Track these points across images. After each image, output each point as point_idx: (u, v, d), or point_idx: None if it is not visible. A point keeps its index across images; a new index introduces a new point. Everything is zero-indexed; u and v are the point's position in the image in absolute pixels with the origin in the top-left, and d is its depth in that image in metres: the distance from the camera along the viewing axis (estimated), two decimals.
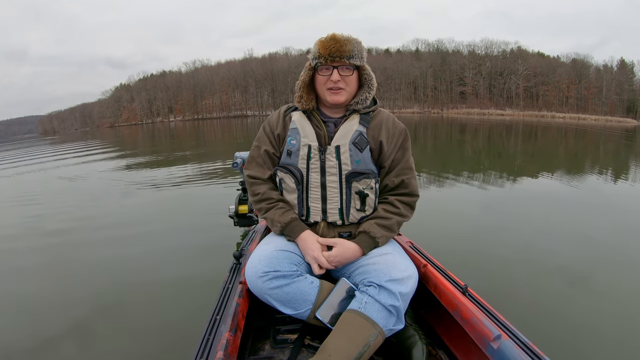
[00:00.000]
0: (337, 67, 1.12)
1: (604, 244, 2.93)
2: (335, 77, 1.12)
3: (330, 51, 1.10)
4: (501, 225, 3.47)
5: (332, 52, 1.10)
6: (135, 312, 2.07)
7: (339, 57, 1.10)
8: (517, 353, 0.85)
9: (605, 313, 1.94)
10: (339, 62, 1.11)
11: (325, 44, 1.11)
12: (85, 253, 2.98)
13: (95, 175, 6.89)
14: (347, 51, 1.10)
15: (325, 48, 1.10)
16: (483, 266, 2.49)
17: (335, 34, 1.12)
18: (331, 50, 1.10)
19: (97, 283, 2.40)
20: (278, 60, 68.77)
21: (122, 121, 69.68)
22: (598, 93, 52.26)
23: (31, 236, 3.52)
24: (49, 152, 14.41)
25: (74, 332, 1.88)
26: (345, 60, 1.11)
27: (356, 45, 1.12)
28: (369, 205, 1.19)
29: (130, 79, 76.84)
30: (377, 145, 1.18)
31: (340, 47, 1.10)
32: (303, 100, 1.19)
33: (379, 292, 1.02)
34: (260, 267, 1.08)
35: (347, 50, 1.10)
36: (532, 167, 7.29)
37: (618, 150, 11.29)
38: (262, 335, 1.19)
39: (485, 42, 60.64)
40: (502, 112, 50.89)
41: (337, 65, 1.12)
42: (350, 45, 1.11)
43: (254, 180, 1.26)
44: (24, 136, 62.67)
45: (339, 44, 1.10)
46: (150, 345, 1.76)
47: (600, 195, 4.85)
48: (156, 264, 2.68)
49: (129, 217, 4.05)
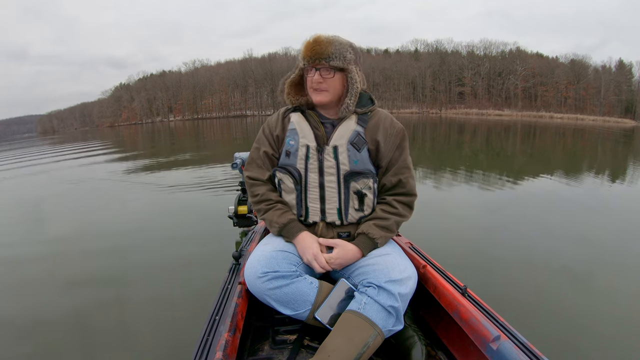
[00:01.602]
0: (319, 68, 1.13)
1: (603, 245, 2.93)
2: (316, 78, 1.13)
3: (312, 53, 1.11)
4: (500, 226, 3.48)
5: (313, 54, 1.11)
6: (134, 312, 2.06)
7: (319, 59, 1.11)
8: (516, 354, 0.85)
9: (604, 314, 1.94)
10: (320, 64, 1.12)
11: (308, 45, 1.12)
12: (86, 253, 2.98)
13: (97, 176, 6.88)
14: (327, 53, 1.11)
15: (307, 50, 1.12)
16: (482, 267, 2.50)
17: (320, 36, 1.13)
18: (312, 52, 1.11)
19: (96, 283, 2.40)
20: (277, 60, 68.69)
21: (121, 121, 69.58)
22: (596, 94, 52.37)
23: (30, 238, 3.52)
24: (50, 152, 14.33)
25: (74, 332, 1.88)
26: (324, 62, 1.11)
27: (339, 47, 1.12)
28: (368, 205, 1.19)
29: (130, 79, 77.02)
30: (375, 145, 1.18)
31: (320, 50, 1.10)
32: (290, 96, 1.21)
33: (378, 292, 1.02)
34: (260, 267, 1.08)
35: (328, 52, 1.11)
36: (531, 168, 7.31)
37: (616, 150, 11.32)
38: (261, 336, 1.18)
39: (484, 43, 60.83)
40: (500, 112, 50.95)
41: (319, 67, 1.13)
42: (332, 47, 1.11)
43: (254, 181, 1.27)
44: (23, 135, 62.45)
45: (319, 46, 1.11)
46: (149, 345, 1.76)
47: (599, 195, 4.86)
48: (155, 264, 2.68)
49: (128, 217, 4.05)
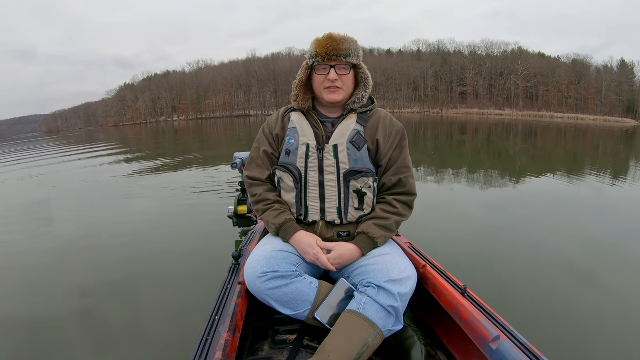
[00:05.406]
0: (334, 66, 1.12)
1: (603, 245, 2.92)
2: (333, 76, 1.12)
3: (328, 50, 1.10)
4: (500, 226, 3.47)
5: (329, 50, 1.10)
6: (133, 312, 2.06)
7: (336, 55, 1.10)
8: (516, 354, 0.84)
9: (604, 313, 1.94)
10: (336, 61, 1.11)
11: (322, 42, 1.10)
12: (85, 252, 2.98)
13: (102, 177, 6.89)
14: (344, 50, 1.10)
15: (322, 47, 1.10)
16: (482, 267, 2.49)
17: (332, 33, 1.12)
18: (328, 49, 1.10)
19: (96, 283, 2.40)
20: (281, 60, 68.77)
21: (126, 120, 69.86)
22: (597, 93, 52.19)
23: (36, 238, 3.53)
24: (59, 152, 14.31)
25: (73, 331, 1.88)
26: (342, 58, 1.11)
27: (352, 44, 1.12)
28: (367, 204, 1.19)
29: (135, 79, 77.35)
30: (375, 144, 1.18)
31: (337, 46, 1.09)
32: (299, 100, 1.20)
33: (378, 292, 1.02)
34: (259, 267, 1.08)
35: (344, 48, 1.10)
36: (532, 167, 7.29)
37: (618, 150, 11.27)
38: (261, 336, 1.18)
39: (486, 43, 60.70)
40: (501, 112, 50.90)
41: (334, 64, 1.12)
42: (347, 44, 1.11)
43: (253, 181, 1.27)
44: (27, 135, 62.52)
45: (335, 42, 1.10)
46: (148, 345, 1.76)
47: (599, 195, 4.84)
48: (155, 264, 2.68)
49: (128, 217, 4.05)
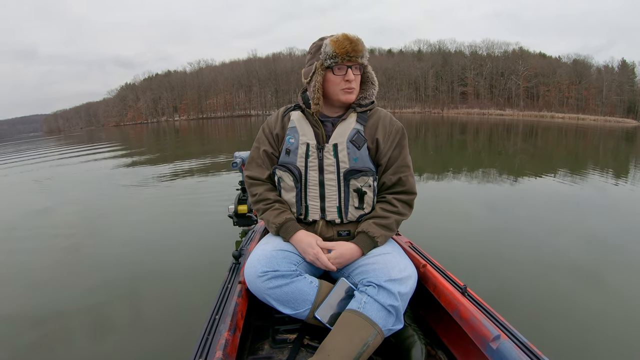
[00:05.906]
0: (351, 66, 1.12)
1: (604, 244, 2.92)
2: (351, 77, 1.12)
3: (347, 51, 1.09)
4: (500, 225, 3.47)
5: (349, 51, 1.10)
6: (133, 311, 2.06)
7: (355, 56, 1.11)
8: (516, 353, 0.84)
9: (605, 313, 1.93)
10: (353, 62, 1.12)
11: (341, 43, 1.09)
12: (86, 252, 2.99)
13: (103, 176, 6.90)
14: (360, 50, 1.11)
15: (341, 48, 1.09)
16: (483, 266, 2.49)
17: (347, 34, 1.12)
18: (347, 50, 1.09)
19: (95, 283, 2.40)
20: (281, 60, 68.84)
21: (127, 120, 70.03)
22: (598, 93, 52.15)
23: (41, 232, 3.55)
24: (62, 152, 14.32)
25: (74, 330, 1.88)
26: (358, 59, 1.12)
27: (364, 45, 1.13)
28: (367, 203, 1.19)
29: (136, 79, 77.54)
30: (374, 143, 1.18)
31: (355, 47, 1.10)
32: (320, 103, 1.16)
33: (378, 292, 1.02)
34: (259, 266, 1.08)
35: (360, 49, 1.11)
36: (532, 167, 7.28)
37: (618, 150, 11.26)
38: (261, 335, 1.18)
39: (487, 43, 60.70)
40: (502, 112, 50.93)
41: (351, 64, 1.12)
42: (361, 44, 1.12)
43: (253, 180, 1.27)
44: (28, 135, 62.54)
45: (353, 43, 1.10)
46: (149, 344, 1.76)
47: (600, 195, 4.84)
48: (155, 264, 2.68)
49: (128, 217, 4.06)
